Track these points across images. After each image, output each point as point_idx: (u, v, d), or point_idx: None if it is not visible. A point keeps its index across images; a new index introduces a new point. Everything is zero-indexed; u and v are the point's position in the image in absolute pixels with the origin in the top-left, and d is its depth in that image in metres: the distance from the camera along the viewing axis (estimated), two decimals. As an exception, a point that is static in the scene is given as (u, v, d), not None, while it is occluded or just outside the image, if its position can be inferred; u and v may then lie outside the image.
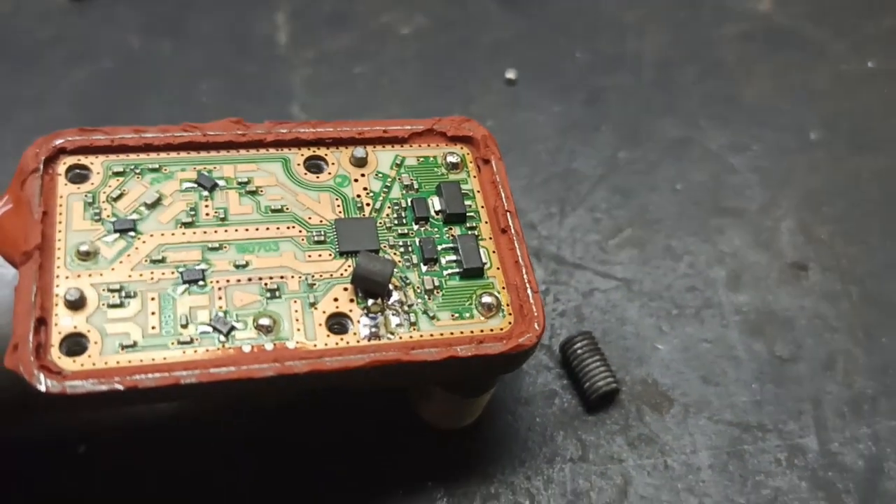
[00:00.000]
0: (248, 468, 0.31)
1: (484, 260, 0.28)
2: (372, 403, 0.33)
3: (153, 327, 0.25)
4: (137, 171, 0.27)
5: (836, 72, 0.43)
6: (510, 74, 0.42)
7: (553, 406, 0.34)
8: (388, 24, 0.44)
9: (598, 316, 0.36)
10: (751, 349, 0.35)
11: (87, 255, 0.25)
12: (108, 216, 0.26)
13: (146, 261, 0.26)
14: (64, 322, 0.24)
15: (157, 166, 0.27)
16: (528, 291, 0.28)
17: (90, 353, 0.24)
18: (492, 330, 0.27)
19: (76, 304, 0.24)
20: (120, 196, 0.26)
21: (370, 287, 0.26)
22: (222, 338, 0.25)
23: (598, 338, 0.34)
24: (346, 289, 0.26)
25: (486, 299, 0.27)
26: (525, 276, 0.28)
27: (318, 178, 0.28)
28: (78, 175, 0.27)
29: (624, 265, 0.37)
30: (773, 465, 0.33)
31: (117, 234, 0.26)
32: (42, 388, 0.23)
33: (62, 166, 0.27)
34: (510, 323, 0.27)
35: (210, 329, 0.25)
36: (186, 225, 0.27)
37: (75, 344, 0.24)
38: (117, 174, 0.27)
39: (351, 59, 0.43)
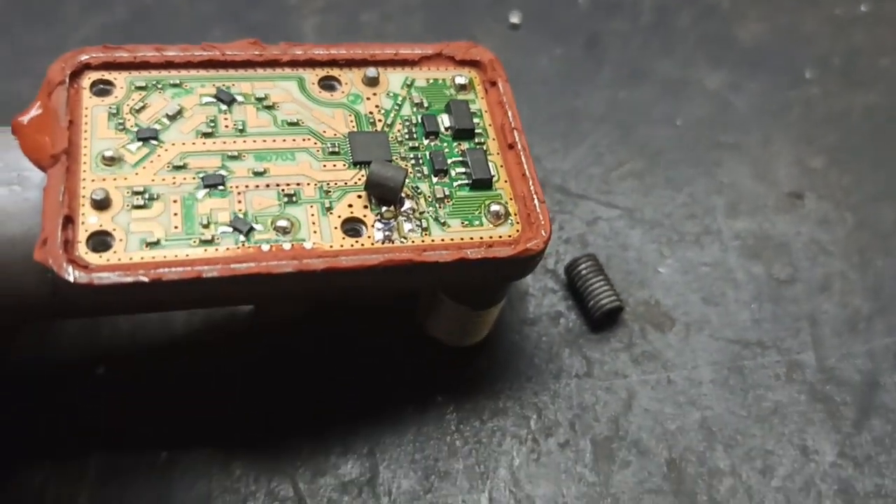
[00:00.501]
0: (261, 382, 0.32)
1: (492, 172, 0.29)
2: (382, 323, 0.34)
3: (175, 227, 0.26)
4: (159, 86, 0.28)
5: (828, 15, 0.45)
6: (514, 18, 0.43)
7: (558, 326, 0.35)
8: (394, -26, 0.46)
9: (601, 242, 0.37)
10: (749, 272, 0.36)
11: (111, 161, 0.26)
12: (131, 126, 0.27)
13: (168, 167, 0.27)
14: (90, 220, 0.25)
15: (177, 82, 0.28)
16: (535, 202, 0.29)
17: (115, 249, 0.25)
18: (500, 237, 0.28)
19: (102, 204, 0.25)
20: (143, 108, 0.28)
21: (383, 193, 0.27)
22: (242, 237, 0.26)
23: (602, 263, 0.35)
24: (359, 196, 0.28)
25: (495, 208, 0.28)
26: (532, 188, 0.29)
27: (332, 95, 0.30)
28: (102, 89, 0.28)
29: (626, 195, 0.38)
30: (772, 379, 0.34)
31: (140, 142, 0.27)
32: (70, 278, 0.24)
33: (87, 80, 0.28)
34: (518, 231, 0.28)
35: (230, 229, 0.26)
36: (206, 135, 0.28)
37: (101, 241, 0.25)
38: (139, 88, 0.28)
39: (358, 6, 0.44)
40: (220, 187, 0.27)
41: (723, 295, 0.36)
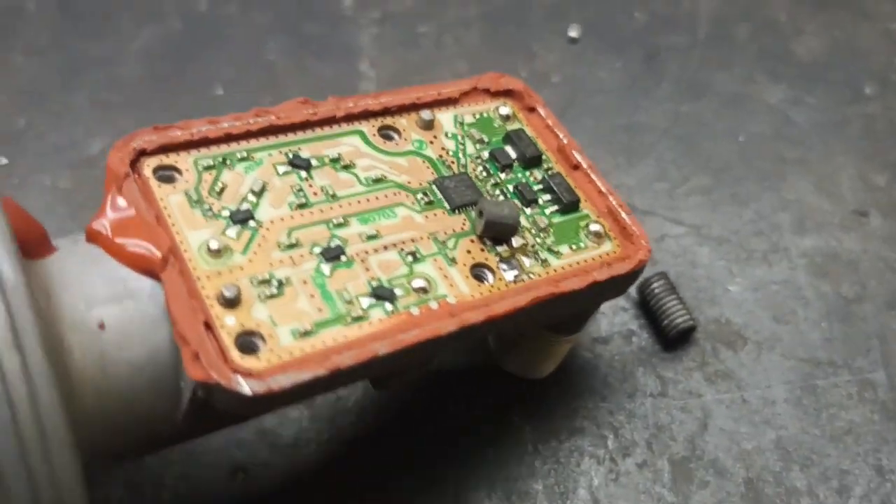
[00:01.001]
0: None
1: (577, 193, 0.29)
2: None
3: (319, 309, 0.24)
4: (227, 162, 0.26)
5: (883, 29, 0.45)
6: (573, 32, 0.43)
7: (631, 344, 0.35)
8: (449, -14, 0.46)
9: (670, 260, 0.37)
10: (818, 290, 0.36)
11: (218, 252, 0.24)
12: (219, 210, 0.25)
13: (280, 247, 0.25)
14: (228, 322, 0.23)
15: (244, 155, 0.26)
16: (623, 215, 0.29)
17: (269, 346, 0.23)
18: (607, 254, 0.28)
19: (233, 302, 0.23)
20: (223, 189, 0.25)
21: (501, 231, 0.27)
22: (389, 306, 0.25)
23: (673, 281, 0.35)
24: (472, 241, 0.27)
25: (594, 227, 0.29)
26: (614, 202, 0.29)
27: (396, 144, 0.29)
28: (167, 175, 0.25)
29: (692, 211, 0.38)
30: (845, 398, 0.34)
31: (238, 226, 0.25)
32: (247, 391, 0.21)
33: (147, 168, 0.25)
34: (618, 245, 0.29)
35: (373, 300, 0.25)
36: (301, 206, 0.26)
37: (248, 343, 0.23)
38: (208, 168, 0.26)
39: (415, 19, 0.44)
40: (343, 258, 0.25)
41: (793, 313, 0.36)
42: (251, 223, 0.25)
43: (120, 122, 0.41)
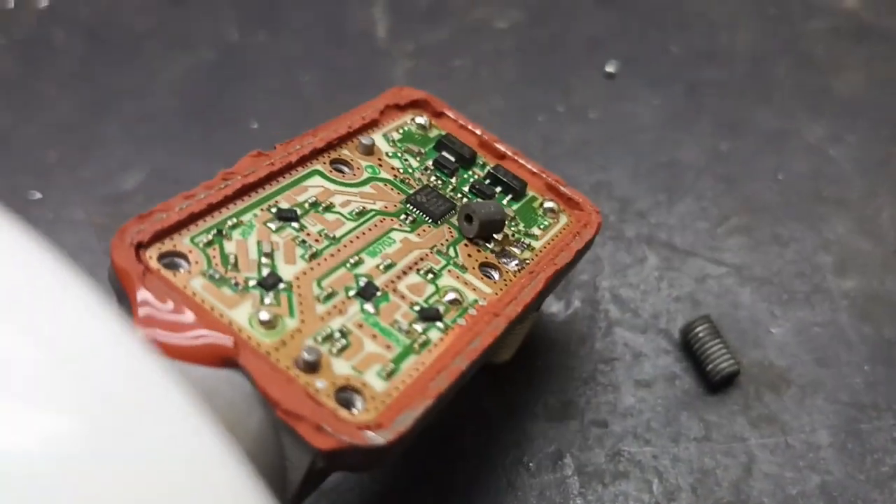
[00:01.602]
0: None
1: (522, 179, 0.32)
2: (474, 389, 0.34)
3: (387, 346, 0.24)
4: (222, 233, 0.25)
5: (922, 66, 0.45)
6: (610, 68, 0.43)
7: (674, 387, 0.34)
8: (484, 19, 0.45)
9: (712, 301, 0.37)
10: (861, 332, 0.36)
11: (271, 323, 0.23)
12: (245, 282, 0.24)
13: (319, 301, 0.25)
14: (320, 385, 0.22)
15: (234, 221, 0.26)
16: (563, 188, 0.32)
17: (370, 395, 0.23)
18: (569, 224, 0.31)
19: (316, 365, 0.23)
20: (235, 261, 0.25)
21: (493, 228, 0.29)
22: (440, 324, 0.25)
23: (716, 323, 0.35)
24: (466, 245, 0.29)
25: (549, 204, 0.31)
26: (551, 179, 0.32)
27: (354, 175, 0.29)
28: (173, 262, 0.24)
29: (733, 252, 0.38)
30: (889, 443, 0.34)
31: (272, 292, 0.24)
32: (381, 442, 0.21)
33: (152, 260, 0.24)
34: (571, 215, 0.32)
35: (425, 323, 0.25)
36: (314, 256, 0.26)
37: (347, 398, 0.23)
38: (209, 244, 0.25)
39: (450, 52, 0.43)
40: (378, 293, 0.26)
41: (836, 356, 0.36)
42: (281, 285, 0.25)
43: (153, 156, 0.41)
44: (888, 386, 0.35)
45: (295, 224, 0.26)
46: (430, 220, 0.29)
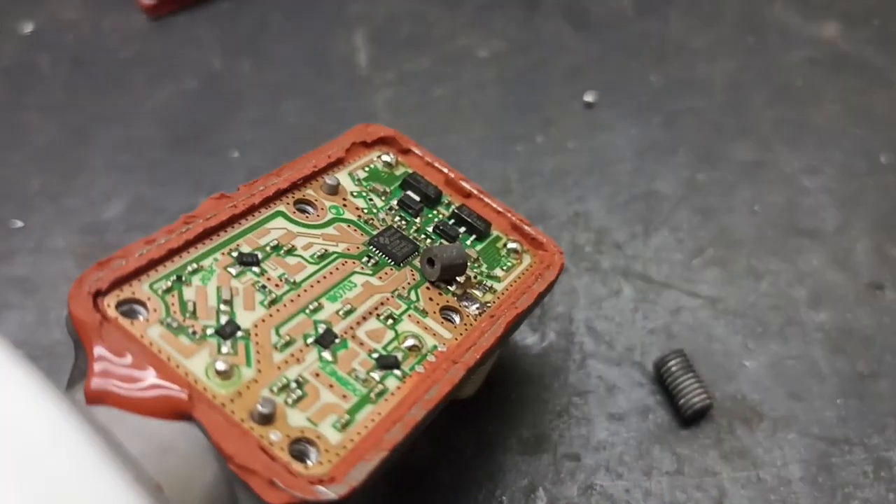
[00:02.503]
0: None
1: (486, 219, 0.32)
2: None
3: (343, 396, 0.24)
4: (182, 279, 0.25)
5: (899, 96, 0.45)
6: (589, 97, 0.43)
7: (647, 420, 0.35)
8: (465, 48, 0.46)
9: (686, 333, 0.37)
10: (833, 366, 0.36)
11: (227, 373, 0.23)
12: (202, 330, 0.24)
13: (277, 349, 0.25)
14: (274, 437, 0.22)
15: (194, 267, 0.25)
16: (527, 228, 0.32)
17: (323, 447, 0.23)
18: (532, 265, 0.31)
19: (271, 417, 0.23)
20: (194, 308, 0.24)
21: (455, 272, 0.29)
22: (398, 371, 0.25)
23: (689, 355, 0.35)
24: (427, 288, 0.28)
25: (512, 245, 0.31)
26: (514, 218, 0.32)
27: (317, 216, 0.29)
28: (131, 309, 0.24)
29: (708, 284, 0.38)
30: (860, 477, 0.34)
31: (229, 341, 0.24)
32: (333, 497, 0.21)
33: (110, 309, 0.23)
34: (534, 256, 0.31)
35: (382, 371, 0.25)
36: (273, 302, 0.26)
37: (301, 450, 0.23)
38: (167, 291, 0.25)
39: (430, 81, 0.44)
40: (337, 340, 0.25)
41: (808, 390, 0.36)
42: (239, 333, 0.24)
43: (135, 185, 0.41)
44: (860, 420, 0.35)
45: (256, 269, 0.26)
46: (393, 263, 0.28)
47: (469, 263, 0.29)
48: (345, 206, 0.30)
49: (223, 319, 0.24)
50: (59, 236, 0.39)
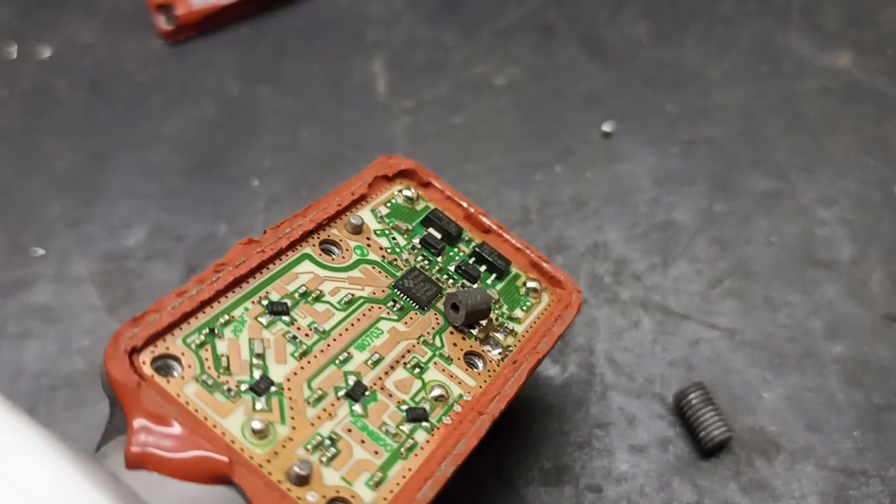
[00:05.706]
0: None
1: (506, 257, 0.32)
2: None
3: (375, 452, 0.24)
4: (215, 332, 0.25)
5: (912, 126, 0.45)
6: (607, 127, 0.44)
7: (668, 452, 0.35)
8: (482, 75, 0.46)
9: (704, 365, 0.37)
10: (850, 398, 0.37)
11: (263, 432, 0.23)
12: (237, 387, 0.24)
13: (309, 404, 0.25)
14: (311, 498, 0.23)
15: (226, 318, 0.26)
16: (545, 265, 0.32)
17: None
18: (550, 305, 0.31)
19: (307, 478, 0.23)
20: (228, 364, 0.25)
21: (479, 317, 0.29)
22: (426, 424, 0.26)
23: (708, 388, 0.36)
24: (451, 332, 0.29)
25: (531, 284, 0.32)
26: (533, 255, 0.32)
27: (343, 258, 0.29)
28: (165, 364, 0.24)
29: (726, 315, 0.39)
30: (878, 510, 0.35)
31: (262, 397, 0.24)
32: None
33: (146, 367, 0.23)
34: (553, 294, 0.32)
35: (411, 424, 0.26)
36: (304, 354, 0.26)
37: None
38: (201, 346, 0.25)
39: (449, 108, 0.44)
40: (367, 393, 0.26)
41: (826, 422, 0.36)
42: (273, 389, 0.24)
43: (155, 213, 0.41)
44: (877, 452, 0.36)
45: (286, 318, 0.26)
46: (417, 307, 0.29)
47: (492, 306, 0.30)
48: (369, 245, 0.30)
49: (256, 374, 0.25)
50: (80, 263, 0.39)
